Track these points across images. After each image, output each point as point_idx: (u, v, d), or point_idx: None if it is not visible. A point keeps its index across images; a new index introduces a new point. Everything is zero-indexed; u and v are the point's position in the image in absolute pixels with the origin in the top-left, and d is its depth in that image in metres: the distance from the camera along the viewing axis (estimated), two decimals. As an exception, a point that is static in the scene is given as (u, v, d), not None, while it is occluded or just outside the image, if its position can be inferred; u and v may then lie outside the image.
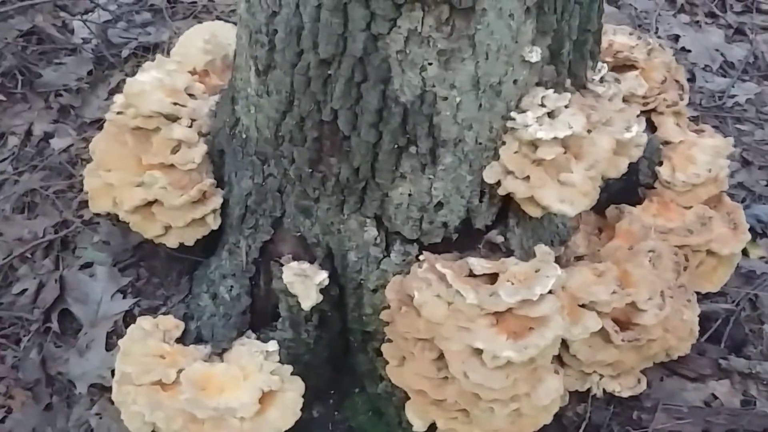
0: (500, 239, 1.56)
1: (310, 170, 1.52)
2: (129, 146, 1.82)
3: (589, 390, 1.72)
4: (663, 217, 1.88)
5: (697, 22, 3.15)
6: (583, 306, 1.58)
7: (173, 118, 1.81)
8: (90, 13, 2.78)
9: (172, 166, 1.78)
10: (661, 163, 1.92)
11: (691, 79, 2.78)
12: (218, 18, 2.77)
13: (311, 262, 1.61)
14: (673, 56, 2.08)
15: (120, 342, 1.61)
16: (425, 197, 1.50)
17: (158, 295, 1.94)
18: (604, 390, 1.71)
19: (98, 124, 2.34)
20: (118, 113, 1.83)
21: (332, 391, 1.78)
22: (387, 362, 1.57)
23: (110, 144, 1.85)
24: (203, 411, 1.49)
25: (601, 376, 1.71)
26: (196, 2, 2.91)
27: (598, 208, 1.82)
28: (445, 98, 1.38)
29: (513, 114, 1.42)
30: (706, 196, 1.90)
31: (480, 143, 1.45)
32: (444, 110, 1.39)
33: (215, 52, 2.01)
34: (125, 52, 2.62)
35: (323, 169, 1.51)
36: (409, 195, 1.50)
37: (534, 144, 1.42)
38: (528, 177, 1.43)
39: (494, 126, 1.44)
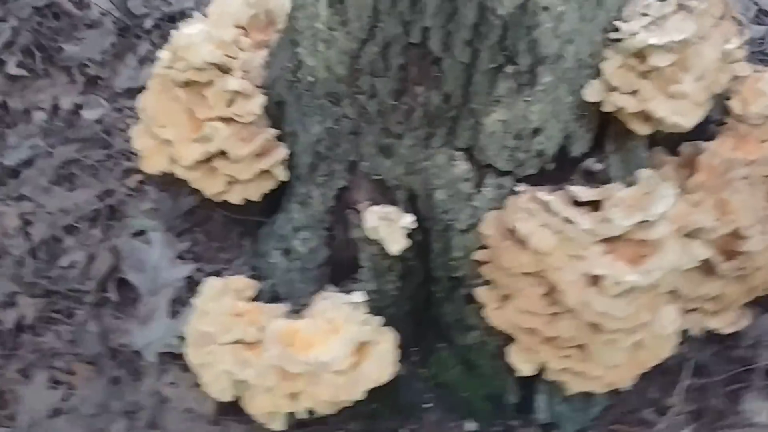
0: (598, 167, 1.46)
1: (394, 102, 1.41)
2: (182, 101, 1.70)
3: (686, 330, 1.63)
4: (742, 150, 1.80)
5: (725, -27, 3.09)
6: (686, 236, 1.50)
7: (225, 70, 1.70)
8: (106, -13, 2.66)
9: (229, 119, 1.67)
10: (729, 98, 1.85)
11: (731, 26, 2.71)
12: (241, -15, 2.65)
13: (392, 206, 1.51)
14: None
15: (194, 302, 1.49)
16: (521, 122, 1.39)
17: (220, 258, 1.81)
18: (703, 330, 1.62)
19: (131, 93, 2.22)
20: (167, 68, 1.72)
21: (416, 347, 1.67)
22: (481, 307, 1.47)
23: (160, 100, 1.74)
24: (296, 365, 1.38)
25: (700, 313, 1.63)
26: (216, -29, 2.79)
27: (670, 147, 1.75)
28: (546, 8, 1.28)
29: (618, 23, 1.33)
30: (781, 128, 1.83)
31: (580, 59, 1.35)
32: (545, 22, 1.29)
33: (258, 5, 1.90)
34: (148, 23, 2.50)
35: (408, 101, 1.40)
36: (504, 122, 1.39)
37: (642, 54, 1.33)
38: (635, 91, 1.34)
39: (595, 40, 1.35)
